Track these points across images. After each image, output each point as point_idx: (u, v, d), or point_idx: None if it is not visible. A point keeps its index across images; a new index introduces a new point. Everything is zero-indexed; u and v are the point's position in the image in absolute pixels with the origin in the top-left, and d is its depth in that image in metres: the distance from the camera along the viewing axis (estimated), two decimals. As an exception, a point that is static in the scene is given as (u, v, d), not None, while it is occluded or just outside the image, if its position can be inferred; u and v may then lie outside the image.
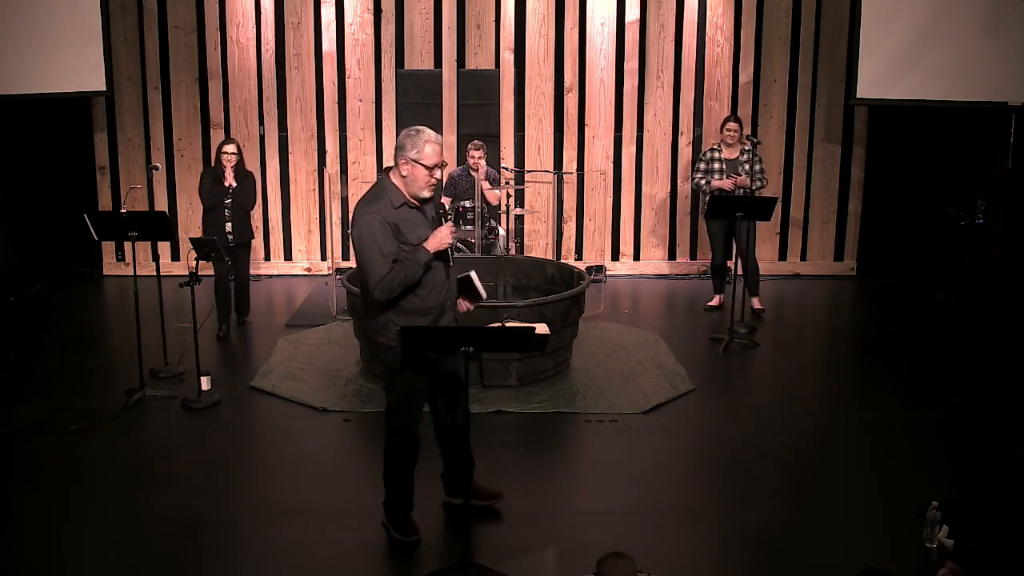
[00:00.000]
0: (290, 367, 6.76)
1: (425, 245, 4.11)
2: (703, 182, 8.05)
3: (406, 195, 4.15)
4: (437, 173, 4.13)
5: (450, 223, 4.19)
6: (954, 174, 9.08)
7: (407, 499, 4.41)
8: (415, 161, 4.09)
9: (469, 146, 8.44)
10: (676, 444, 5.57)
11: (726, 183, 7.91)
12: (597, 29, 9.46)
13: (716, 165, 8.02)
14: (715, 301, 8.46)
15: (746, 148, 7.97)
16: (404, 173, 4.12)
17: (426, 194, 4.16)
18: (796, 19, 9.44)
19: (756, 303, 8.25)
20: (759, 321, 8.06)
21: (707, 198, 7.83)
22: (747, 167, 7.93)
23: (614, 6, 9.41)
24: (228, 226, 7.41)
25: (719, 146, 8.08)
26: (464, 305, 4.44)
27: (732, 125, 8.01)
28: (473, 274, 4.40)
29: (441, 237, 4.13)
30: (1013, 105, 8.06)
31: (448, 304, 4.29)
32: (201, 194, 7.51)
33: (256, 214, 9.10)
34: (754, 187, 7.90)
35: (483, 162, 8.34)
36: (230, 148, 7.42)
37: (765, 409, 6.11)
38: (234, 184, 7.38)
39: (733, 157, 8.00)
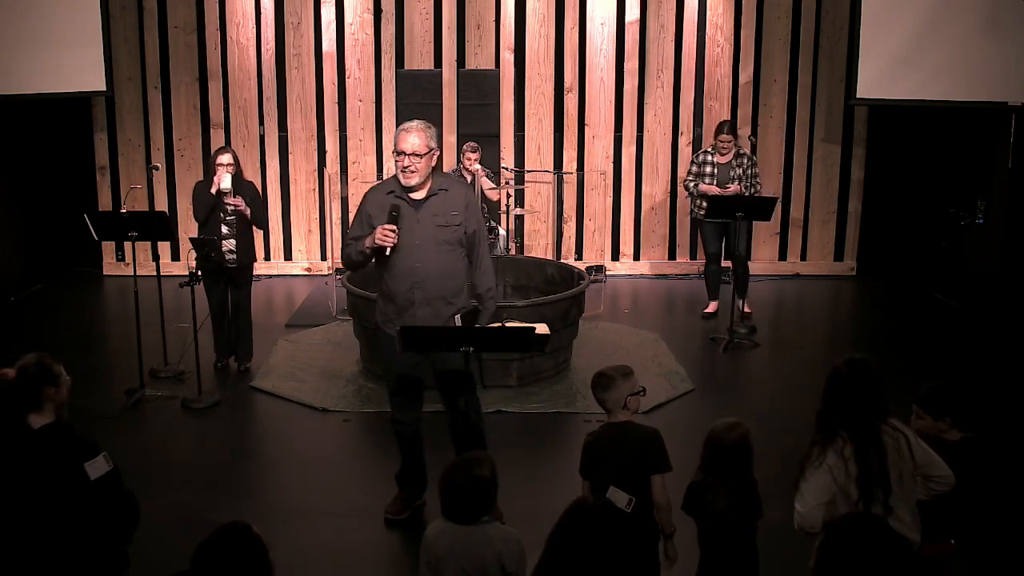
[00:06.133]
0: (290, 367, 6.76)
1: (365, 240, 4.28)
2: (692, 185, 7.88)
3: (399, 185, 4.30)
4: (404, 160, 4.21)
5: (389, 226, 4.19)
6: (954, 174, 9.08)
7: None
8: None
9: (465, 147, 8.41)
10: (676, 444, 5.55)
11: (725, 190, 7.65)
12: (597, 29, 9.45)
13: (708, 169, 7.78)
14: (712, 307, 8.19)
15: (741, 152, 7.82)
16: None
17: (403, 180, 4.24)
18: (796, 19, 9.43)
19: (744, 307, 8.19)
20: (753, 322, 8.04)
21: (699, 201, 7.80)
22: (740, 171, 7.75)
23: (614, 6, 9.40)
24: (230, 243, 6.35)
25: (712, 149, 7.84)
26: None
27: (725, 137, 7.72)
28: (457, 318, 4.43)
29: (375, 235, 4.19)
30: (1013, 105, 8.07)
31: (418, 297, 4.29)
32: (195, 208, 6.45)
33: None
34: (746, 195, 7.72)
35: (479, 164, 8.33)
36: (225, 158, 6.25)
37: (765, 409, 6.10)
38: (233, 195, 6.27)
39: (725, 162, 7.78)
